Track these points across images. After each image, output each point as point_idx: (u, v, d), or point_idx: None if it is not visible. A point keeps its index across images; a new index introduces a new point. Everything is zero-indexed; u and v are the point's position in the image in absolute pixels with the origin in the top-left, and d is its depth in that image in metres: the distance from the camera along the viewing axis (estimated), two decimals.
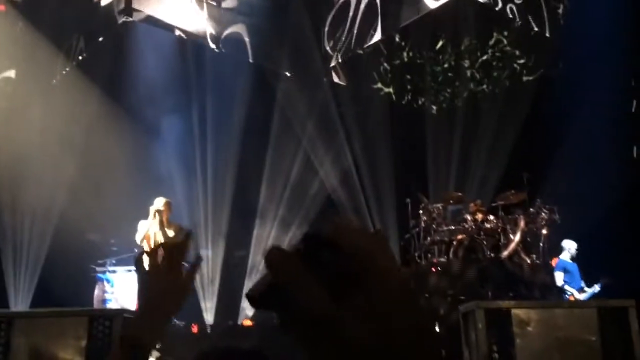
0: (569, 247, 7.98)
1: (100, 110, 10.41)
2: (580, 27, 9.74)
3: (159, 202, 7.10)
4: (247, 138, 11.73)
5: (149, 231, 7.00)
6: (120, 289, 8.35)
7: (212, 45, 11.15)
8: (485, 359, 4.48)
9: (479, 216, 9.25)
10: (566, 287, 7.77)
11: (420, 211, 9.62)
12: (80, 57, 10.70)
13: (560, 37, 10.19)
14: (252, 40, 11.60)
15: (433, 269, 8.88)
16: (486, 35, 11.25)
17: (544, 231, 9.15)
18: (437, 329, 8.20)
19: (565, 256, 7.97)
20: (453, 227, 9.23)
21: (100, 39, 10.79)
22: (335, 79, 12.13)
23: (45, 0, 10.65)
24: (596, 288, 7.76)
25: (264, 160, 11.80)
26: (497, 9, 9.99)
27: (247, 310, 10.32)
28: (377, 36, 11.04)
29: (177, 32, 11.01)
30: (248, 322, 9.73)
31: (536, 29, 10.15)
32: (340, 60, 11.75)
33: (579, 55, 9.81)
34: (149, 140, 11.01)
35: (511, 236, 9.04)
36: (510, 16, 10.02)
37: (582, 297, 7.67)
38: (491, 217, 9.29)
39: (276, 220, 11.55)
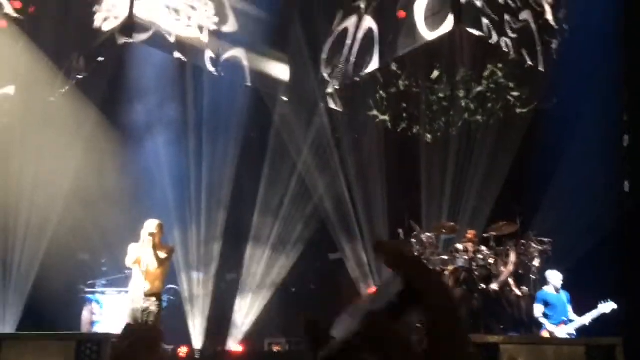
0: (552, 278, 7.91)
1: (96, 130, 10.44)
2: (574, 62, 9.89)
3: (151, 225, 7.09)
4: (242, 161, 11.77)
5: (140, 254, 6.98)
6: (109, 311, 8.25)
7: (211, 69, 11.22)
8: None
9: (471, 247, 9.27)
10: (541, 319, 7.67)
11: (413, 240, 9.63)
12: (79, 77, 10.75)
13: (554, 71, 10.32)
14: (251, 65, 11.70)
15: None
16: (481, 67, 11.40)
17: (536, 263, 9.14)
18: None
19: (549, 288, 7.88)
20: (445, 257, 9.24)
21: (100, 59, 10.85)
22: (332, 105, 12.21)
23: (47, 19, 10.73)
24: (586, 320, 7.60)
25: (259, 183, 11.82)
26: (491, 42, 10.13)
27: (236, 335, 10.24)
28: (375, 65, 11.14)
29: (176, 55, 11.09)
30: (237, 348, 9.65)
31: (530, 62, 10.29)
32: (337, 87, 11.85)
33: (572, 89, 9.94)
34: (143, 161, 11.02)
35: (502, 268, 9.05)
36: (505, 49, 10.16)
37: (568, 328, 7.55)
38: (483, 248, 9.31)
39: (269, 244, 11.54)
